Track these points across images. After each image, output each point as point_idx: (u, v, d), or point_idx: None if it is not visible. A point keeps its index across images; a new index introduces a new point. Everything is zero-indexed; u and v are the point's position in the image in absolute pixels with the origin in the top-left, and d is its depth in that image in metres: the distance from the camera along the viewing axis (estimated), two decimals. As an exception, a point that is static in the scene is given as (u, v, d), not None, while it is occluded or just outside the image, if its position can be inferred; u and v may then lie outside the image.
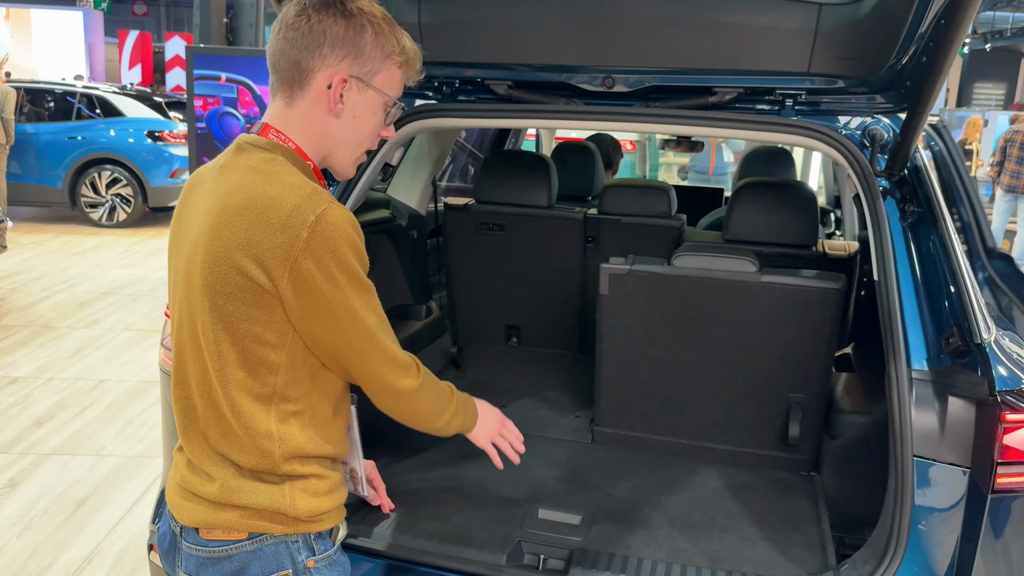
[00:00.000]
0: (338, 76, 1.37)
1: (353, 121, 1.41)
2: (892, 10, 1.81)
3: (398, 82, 1.44)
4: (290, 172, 1.33)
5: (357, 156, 1.46)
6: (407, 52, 1.43)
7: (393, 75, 1.42)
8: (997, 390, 1.65)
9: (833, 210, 4.88)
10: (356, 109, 1.40)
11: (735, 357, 2.43)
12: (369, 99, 1.41)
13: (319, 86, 1.37)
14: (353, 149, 1.45)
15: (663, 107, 2.25)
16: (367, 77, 1.39)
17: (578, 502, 2.20)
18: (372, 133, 1.45)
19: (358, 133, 1.43)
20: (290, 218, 1.27)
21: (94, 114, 10.23)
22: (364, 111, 1.41)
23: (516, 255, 3.25)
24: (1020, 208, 9.36)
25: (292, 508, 1.40)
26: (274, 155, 1.36)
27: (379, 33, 1.38)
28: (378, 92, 1.41)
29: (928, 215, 2.06)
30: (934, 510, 1.75)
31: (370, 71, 1.39)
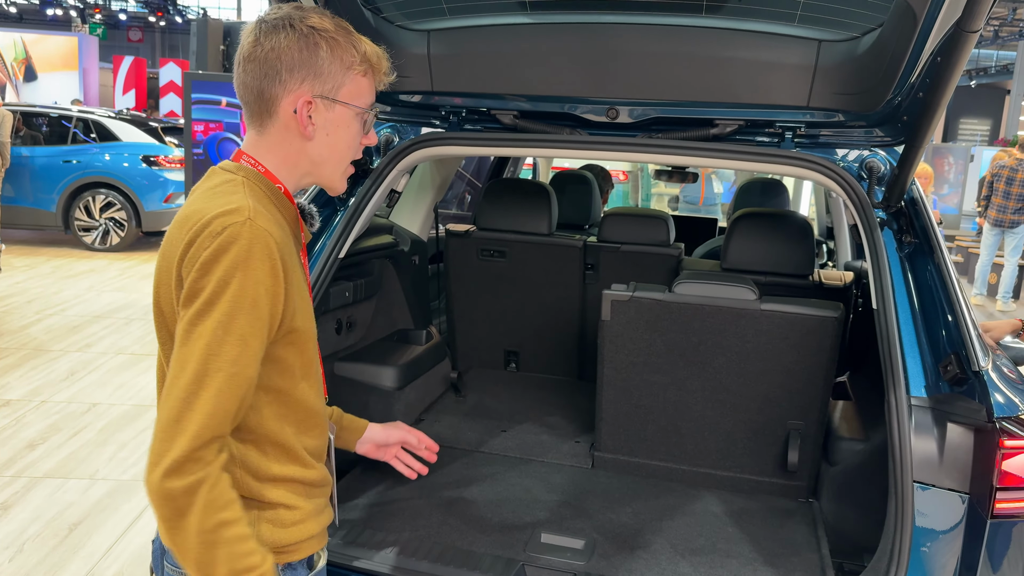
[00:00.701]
0: (302, 99, 1.34)
1: (327, 139, 1.39)
2: (890, 47, 1.87)
3: (366, 90, 1.41)
4: (239, 192, 1.30)
5: (343, 169, 1.44)
6: (369, 59, 1.39)
7: (359, 85, 1.39)
8: (995, 416, 1.69)
9: (825, 241, 4.94)
10: (328, 127, 1.38)
11: (735, 384, 2.47)
12: (339, 115, 1.38)
13: (286, 112, 1.36)
14: (336, 165, 1.43)
15: (665, 138, 2.30)
16: (332, 93, 1.36)
17: (580, 527, 2.21)
18: (351, 145, 1.42)
19: (336, 149, 1.41)
20: (199, 229, 1.23)
21: (89, 138, 10.25)
22: (336, 127, 1.39)
23: (516, 281, 3.28)
24: (1007, 242, 9.47)
25: (256, 537, 1.32)
26: (236, 177, 1.35)
27: (335, 47, 1.35)
28: (347, 106, 1.38)
29: (925, 245, 2.11)
30: (933, 535, 1.77)
31: (333, 87, 1.36)
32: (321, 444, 1.49)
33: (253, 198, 1.31)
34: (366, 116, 1.42)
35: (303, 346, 1.38)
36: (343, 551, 1.99)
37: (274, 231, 1.28)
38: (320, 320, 2.52)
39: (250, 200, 1.29)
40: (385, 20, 2.23)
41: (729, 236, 2.94)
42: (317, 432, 1.46)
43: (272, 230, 1.27)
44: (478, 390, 3.26)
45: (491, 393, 3.24)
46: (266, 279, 1.24)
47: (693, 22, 2.12)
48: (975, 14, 1.52)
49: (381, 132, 2.58)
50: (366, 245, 2.69)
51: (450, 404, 3.11)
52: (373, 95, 1.42)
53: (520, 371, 3.46)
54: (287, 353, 1.35)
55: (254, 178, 1.36)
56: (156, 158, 10.20)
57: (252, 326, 1.23)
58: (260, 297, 1.24)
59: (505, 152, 2.61)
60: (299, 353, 1.38)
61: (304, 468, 1.42)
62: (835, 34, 2.05)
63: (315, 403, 1.44)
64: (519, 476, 2.52)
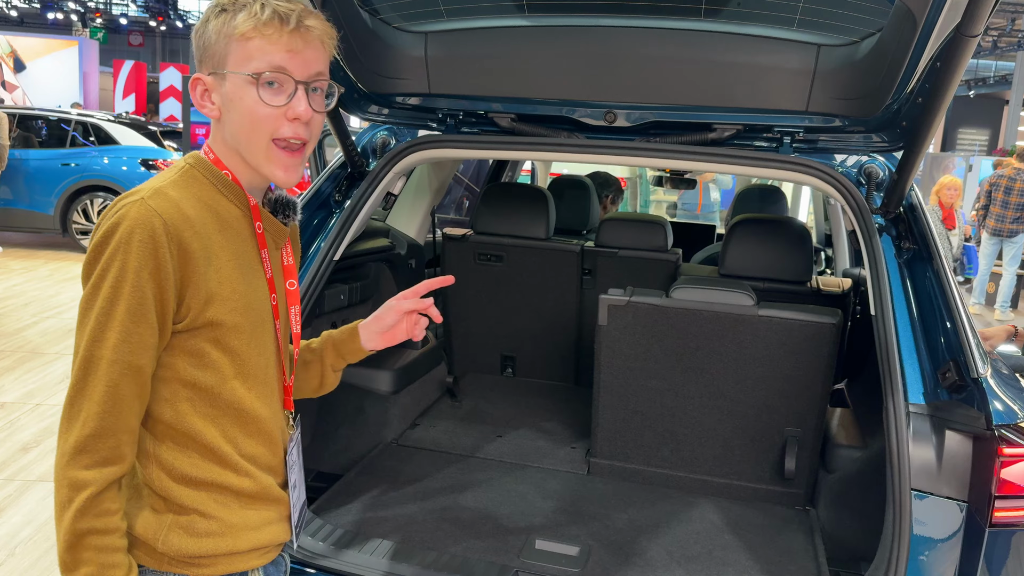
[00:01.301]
0: (197, 83, 1.31)
1: (230, 116, 1.30)
2: (889, 52, 1.86)
3: (255, 53, 1.25)
4: (168, 176, 1.29)
5: (264, 150, 1.29)
6: (251, 17, 1.25)
7: (244, 48, 1.26)
8: (994, 424, 1.67)
9: (824, 248, 4.93)
10: (227, 103, 1.29)
11: (732, 390, 2.45)
12: (231, 87, 1.28)
13: (196, 102, 1.32)
14: (248, 144, 1.30)
15: (663, 142, 2.29)
16: (220, 67, 1.28)
17: (575, 533, 2.19)
18: (255, 118, 1.27)
19: (243, 124, 1.29)
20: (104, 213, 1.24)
21: (88, 142, 10.25)
22: (232, 102, 1.28)
23: (513, 286, 3.27)
24: (1005, 251, 9.46)
25: (163, 543, 1.27)
26: (184, 164, 1.32)
27: (219, 18, 1.28)
28: (236, 74, 1.27)
29: (924, 252, 2.09)
30: (931, 544, 1.75)
31: (219, 60, 1.28)
32: (268, 453, 1.38)
33: (182, 182, 1.28)
34: (264, 78, 1.26)
35: (231, 343, 1.29)
36: (335, 556, 1.96)
37: (174, 212, 1.21)
38: (315, 323, 2.50)
39: (168, 183, 1.26)
40: (383, 22, 2.22)
41: (727, 242, 2.93)
42: (262, 439, 1.36)
43: (169, 211, 1.21)
44: (474, 395, 3.25)
45: (487, 398, 3.22)
46: (149, 261, 1.18)
47: (691, 26, 2.11)
48: (975, 18, 1.51)
49: (378, 135, 2.57)
50: (362, 248, 2.68)
51: (446, 409, 3.09)
52: (272, 56, 1.26)
53: (516, 376, 3.45)
54: (208, 347, 1.27)
55: (200, 164, 1.32)
56: (155, 162, 10.18)
57: (134, 312, 1.19)
58: (143, 281, 1.19)
59: (502, 155, 2.60)
60: (226, 350, 1.28)
61: (235, 475, 1.32)
62: (834, 39, 2.04)
63: (255, 408, 1.34)
64: (514, 482, 2.50)
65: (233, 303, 1.29)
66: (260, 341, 1.34)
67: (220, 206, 1.31)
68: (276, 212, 1.42)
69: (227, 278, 1.28)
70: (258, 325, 1.34)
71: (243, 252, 1.32)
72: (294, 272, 1.46)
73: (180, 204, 1.24)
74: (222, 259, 1.28)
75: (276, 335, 1.39)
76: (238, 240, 1.32)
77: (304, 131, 1.31)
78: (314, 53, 1.30)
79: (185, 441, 1.29)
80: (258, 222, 1.36)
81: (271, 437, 1.38)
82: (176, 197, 1.25)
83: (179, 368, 1.27)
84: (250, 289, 1.32)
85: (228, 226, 1.31)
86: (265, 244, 1.37)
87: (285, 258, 1.44)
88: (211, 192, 1.31)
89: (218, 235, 1.28)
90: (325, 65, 1.33)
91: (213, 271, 1.26)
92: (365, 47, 2.20)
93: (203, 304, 1.25)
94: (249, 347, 1.32)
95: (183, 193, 1.27)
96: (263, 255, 1.36)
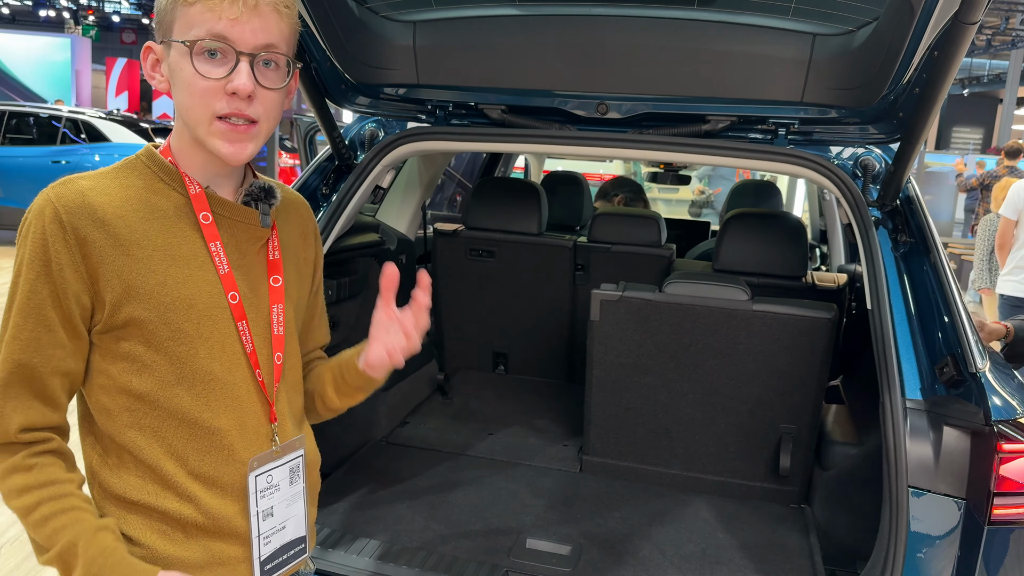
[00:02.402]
0: (148, 51, 1.22)
1: (175, 89, 1.19)
2: (886, 41, 1.83)
3: (195, 20, 1.14)
4: (102, 168, 1.21)
5: (206, 123, 1.17)
6: None
7: (187, 15, 1.15)
8: (992, 420, 1.64)
9: (819, 245, 4.91)
10: (172, 73, 1.18)
11: (726, 386, 2.42)
12: (174, 57, 1.17)
13: (145, 72, 1.23)
14: (190, 116, 1.18)
15: (656, 134, 2.25)
16: (166, 35, 1.18)
17: (567, 532, 2.16)
18: (199, 90, 1.15)
19: (183, 97, 1.18)
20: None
21: (79, 139, 10.18)
22: (175, 71, 1.18)
23: (505, 282, 3.23)
24: None
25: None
26: (135, 155, 1.24)
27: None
28: (176, 42, 1.16)
29: (920, 245, 2.06)
30: (929, 542, 1.72)
31: (166, 27, 1.17)
32: (224, 475, 1.22)
33: (112, 172, 1.20)
34: (196, 50, 1.15)
35: (166, 345, 1.17)
36: (322, 556, 1.93)
37: (74, 201, 1.13)
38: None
39: (93, 172, 1.19)
40: (370, 11, 2.18)
41: (721, 237, 2.89)
42: (215, 459, 1.20)
43: (68, 200, 1.12)
44: (465, 392, 3.21)
45: (479, 395, 3.18)
46: (39, 254, 1.12)
47: (685, 15, 2.07)
48: (973, 5, 1.48)
49: (366, 127, 2.53)
50: (351, 243, 2.63)
51: (436, 406, 3.05)
52: (212, 24, 1.14)
53: (509, 373, 3.41)
54: (140, 350, 1.16)
55: (144, 153, 1.23)
56: (146, 159, 10.12)
57: (23, 308, 1.12)
58: (35, 275, 1.12)
59: (492, 148, 2.56)
60: (161, 352, 1.16)
61: (176, 499, 1.19)
62: (830, 27, 2.00)
63: (206, 418, 1.20)
64: (505, 480, 2.46)
65: (159, 299, 1.16)
66: (211, 343, 1.20)
67: (156, 195, 1.19)
68: (256, 201, 1.27)
69: (151, 271, 1.16)
70: (205, 324, 1.19)
71: (179, 244, 1.19)
72: (279, 267, 1.30)
73: (87, 193, 1.14)
74: (147, 250, 1.16)
75: (241, 338, 1.23)
76: (173, 231, 1.19)
77: (247, 107, 1.17)
78: (262, 22, 1.16)
79: (123, 457, 1.19)
80: (203, 212, 1.21)
81: (227, 454, 1.22)
82: (86, 186, 1.16)
83: (114, 374, 1.17)
84: (187, 285, 1.18)
85: (162, 216, 1.18)
86: (216, 236, 1.22)
87: (271, 252, 1.29)
88: (147, 181, 1.20)
89: (143, 224, 1.16)
90: (281, 38, 1.19)
91: (132, 262, 1.15)
92: (352, 36, 2.16)
93: (120, 299, 1.15)
94: (193, 350, 1.19)
95: (102, 182, 1.17)
96: (211, 248, 1.21)
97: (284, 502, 1.32)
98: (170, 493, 1.19)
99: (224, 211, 1.23)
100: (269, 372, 1.28)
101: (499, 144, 2.45)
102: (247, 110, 1.17)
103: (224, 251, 1.22)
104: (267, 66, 1.19)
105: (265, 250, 1.29)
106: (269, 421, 1.28)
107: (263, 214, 1.27)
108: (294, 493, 1.34)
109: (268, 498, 1.28)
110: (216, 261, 1.21)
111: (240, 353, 1.23)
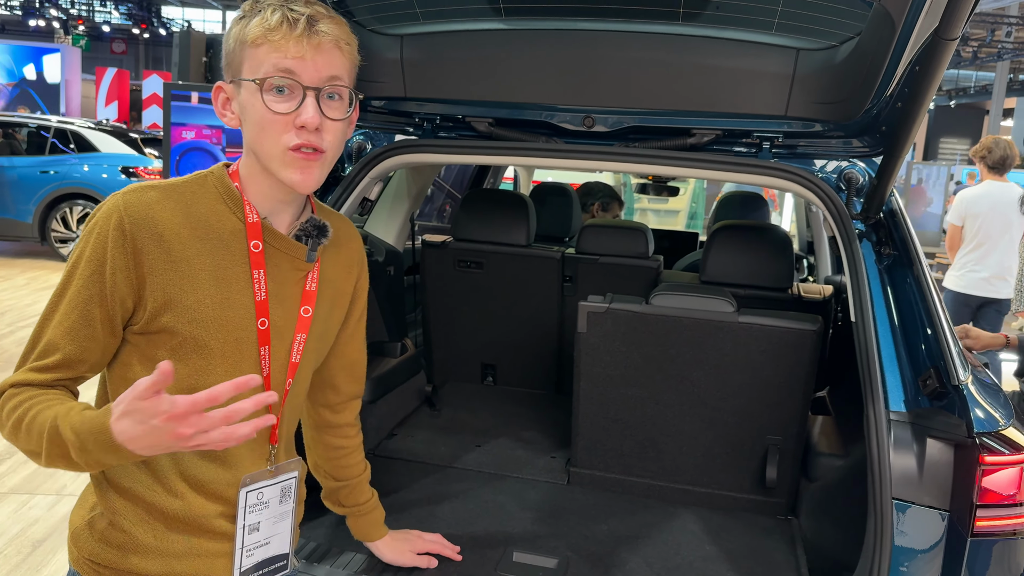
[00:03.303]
0: (218, 91, 1.32)
1: (247, 125, 1.28)
2: (868, 56, 1.85)
3: (263, 59, 1.24)
4: (178, 178, 1.31)
5: (279, 156, 1.26)
6: (262, 23, 1.23)
7: (255, 54, 1.24)
8: (975, 432, 1.65)
9: (806, 256, 4.93)
10: (243, 111, 1.28)
11: (713, 398, 2.42)
12: (245, 94, 1.27)
13: (217, 111, 1.34)
14: (262, 151, 1.27)
15: (642, 147, 2.27)
16: (236, 74, 1.28)
17: (554, 545, 2.15)
18: (265, 125, 1.25)
19: (256, 132, 1.27)
20: None
21: (68, 149, 10.14)
22: (245, 109, 1.28)
23: (493, 293, 3.23)
24: None
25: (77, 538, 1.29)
26: (209, 169, 1.34)
27: (237, 25, 1.28)
28: (247, 81, 1.25)
29: (904, 257, 2.08)
30: (913, 554, 1.73)
31: (236, 67, 1.28)
32: (213, 481, 1.30)
33: (182, 185, 1.28)
34: (267, 87, 1.24)
35: (187, 355, 1.24)
36: (307, 571, 1.92)
37: (140, 211, 1.21)
38: None
39: (164, 183, 1.27)
40: (358, 24, 2.19)
41: (708, 248, 2.91)
42: (208, 466, 1.29)
43: (135, 208, 1.21)
44: (454, 404, 3.20)
45: (467, 407, 3.18)
46: (99, 253, 1.21)
47: (671, 30, 2.09)
48: (953, 21, 1.49)
49: (353, 139, 2.53)
50: None
51: (424, 418, 3.05)
52: (279, 61, 1.23)
53: (497, 385, 3.41)
54: (160, 353, 1.23)
55: (215, 172, 1.32)
56: (135, 169, 10.10)
57: (76, 298, 1.21)
58: (93, 271, 1.21)
59: (480, 160, 2.57)
60: (181, 360, 1.23)
61: (164, 493, 1.27)
62: (813, 42, 2.02)
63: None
64: (493, 492, 2.46)
65: (194, 314, 1.24)
66: (230, 362, 1.27)
67: (216, 217, 1.28)
68: (307, 236, 1.36)
69: (194, 288, 1.24)
70: (231, 346, 1.27)
71: (225, 267, 1.27)
72: (313, 299, 1.38)
73: (153, 206, 1.23)
74: (195, 268, 1.24)
75: (261, 362, 1.30)
76: (223, 254, 1.27)
77: (316, 139, 1.25)
78: (326, 58, 1.26)
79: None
80: (255, 240, 1.29)
81: (227, 466, 1.31)
82: (153, 199, 1.23)
83: (136, 370, 1.25)
84: (223, 306, 1.26)
85: (217, 238, 1.27)
86: (261, 265, 1.29)
87: (308, 283, 1.37)
88: (211, 201, 1.29)
89: (197, 243, 1.25)
90: (343, 70, 1.29)
91: (178, 277, 1.23)
92: None
93: (159, 308, 1.22)
94: (212, 365, 1.26)
95: (170, 196, 1.26)
96: (254, 275, 1.29)
97: (272, 519, 1.38)
98: (160, 487, 1.27)
99: (275, 242, 1.32)
100: (279, 395, 1.32)
101: (486, 157, 2.46)
102: (315, 140, 1.26)
103: (265, 279, 1.30)
104: (331, 98, 1.28)
105: (303, 281, 1.37)
106: (269, 442, 1.37)
107: (310, 249, 1.36)
108: (283, 512, 1.41)
109: (256, 513, 1.35)
110: (255, 288, 1.29)
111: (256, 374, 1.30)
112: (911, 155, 24.71)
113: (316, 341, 1.42)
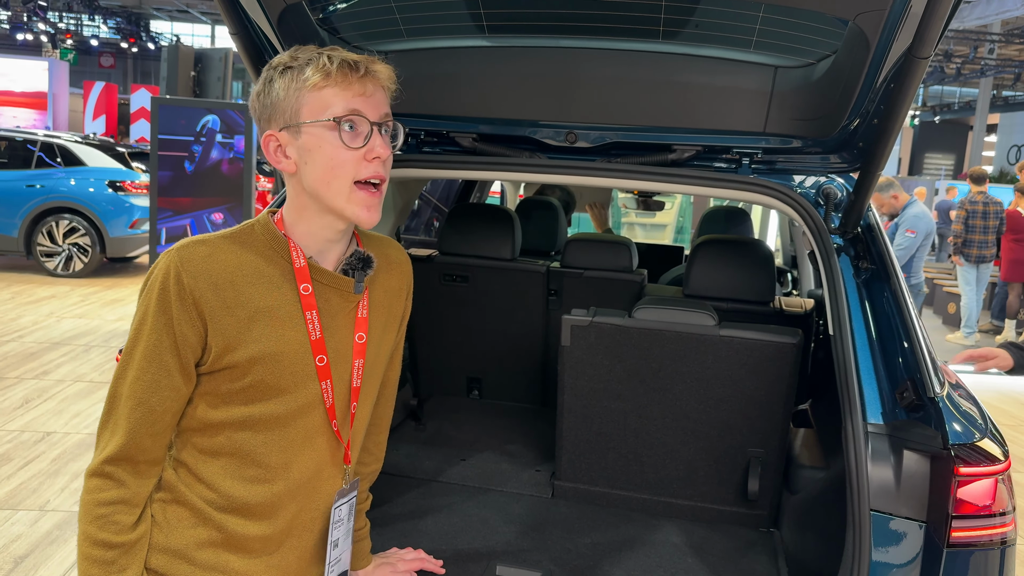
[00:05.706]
0: (270, 139, 1.37)
1: (308, 167, 1.34)
2: (844, 74, 1.88)
3: (332, 100, 1.32)
4: (228, 229, 1.39)
5: (346, 192, 1.34)
6: (320, 69, 1.31)
7: (319, 98, 1.31)
8: (950, 443, 1.67)
9: (790, 270, 4.97)
10: (303, 154, 1.34)
11: (695, 410, 2.44)
12: (308, 137, 1.33)
13: (273, 159, 1.38)
14: (329, 189, 1.34)
15: (624, 163, 2.29)
16: (292, 120, 1.33)
17: (538, 559, 2.16)
18: (337, 162, 1.33)
19: (324, 170, 1.33)
20: None
21: (54, 163, 10.11)
22: (310, 151, 1.33)
23: (479, 307, 3.25)
24: (980, 275, 9.49)
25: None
26: (255, 219, 1.41)
27: (285, 75, 1.33)
28: (313, 124, 1.32)
29: (881, 272, 2.10)
30: (891, 566, 1.74)
31: (292, 114, 1.33)
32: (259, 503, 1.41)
33: (231, 236, 1.37)
34: (342, 125, 1.32)
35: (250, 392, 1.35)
36: None
37: (196, 264, 1.30)
38: None
39: (217, 235, 1.36)
40: (342, 41, 2.21)
41: (691, 262, 2.93)
42: (256, 488, 1.40)
43: (191, 263, 1.30)
44: (439, 418, 3.21)
45: (452, 421, 3.18)
46: (163, 309, 1.29)
47: (652, 48, 2.12)
48: (925, 40, 1.53)
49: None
50: None
51: (409, 432, 3.05)
52: (348, 101, 1.32)
53: (483, 398, 3.41)
54: (224, 387, 1.36)
55: (261, 222, 1.40)
56: (122, 183, 10.07)
57: (148, 354, 1.30)
58: (160, 327, 1.29)
59: (464, 175, 2.59)
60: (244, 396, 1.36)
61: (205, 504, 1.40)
62: (791, 60, 2.06)
63: (262, 454, 1.39)
64: (477, 506, 2.46)
65: (251, 351, 1.33)
66: (288, 397, 1.37)
67: (265, 262, 1.36)
68: (353, 270, 1.44)
69: (249, 328, 1.33)
70: (286, 378, 1.36)
71: (279, 307, 1.36)
72: (366, 325, 1.47)
73: (207, 259, 1.31)
74: (248, 311, 1.33)
75: (324, 395, 1.41)
76: (276, 295, 1.36)
77: (383, 170, 1.36)
78: (382, 96, 1.37)
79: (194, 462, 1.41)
80: (304, 284, 1.37)
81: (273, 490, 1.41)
82: (206, 253, 1.32)
83: (197, 405, 1.37)
84: (279, 343, 1.35)
85: (268, 280, 1.36)
86: (312, 306, 1.38)
87: (360, 311, 1.46)
88: (259, 248, 1.37)
89: (249, 288, 1.33)
90: (389, 107, 1.40)
91: (234, 322, 1.32)
92: None
93: (222, 351, 1.32)
94: (267, 397, 1.36)
95: (221, 248, 1.34)
96: (307, 316, 1.37)
97: (344, 535, 1.53)
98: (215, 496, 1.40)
99: (323, 279, 1.40)
100: (345, 419, 1.46)
101: (470, 172, 2.48)
102: (383, 172, 1.37)
103: (318, 318, 1.39)
104: (385, 132, 1.37)
105: (356, 310, 1.46)
106: (344, 462, 1.49)
107: (357, 282, 1.43)
108: (348, 528, 1.55)
109: (337, 530, 1.50)
110: (309, 328, 1.38)
111: (319, 405, 1.41)
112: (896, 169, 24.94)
113: (373, 362, 1.52)
